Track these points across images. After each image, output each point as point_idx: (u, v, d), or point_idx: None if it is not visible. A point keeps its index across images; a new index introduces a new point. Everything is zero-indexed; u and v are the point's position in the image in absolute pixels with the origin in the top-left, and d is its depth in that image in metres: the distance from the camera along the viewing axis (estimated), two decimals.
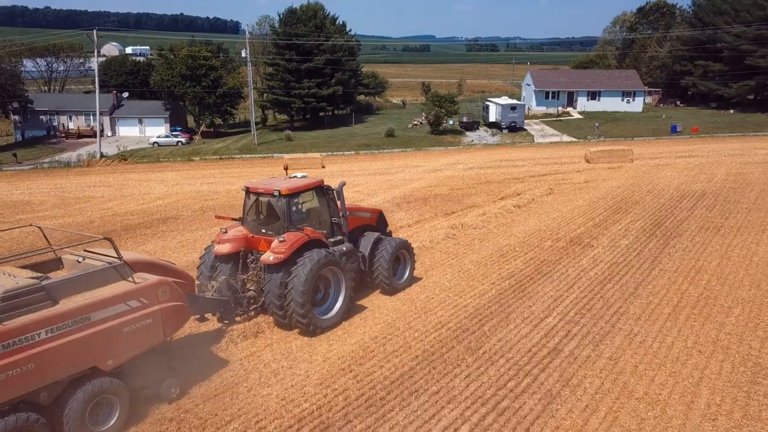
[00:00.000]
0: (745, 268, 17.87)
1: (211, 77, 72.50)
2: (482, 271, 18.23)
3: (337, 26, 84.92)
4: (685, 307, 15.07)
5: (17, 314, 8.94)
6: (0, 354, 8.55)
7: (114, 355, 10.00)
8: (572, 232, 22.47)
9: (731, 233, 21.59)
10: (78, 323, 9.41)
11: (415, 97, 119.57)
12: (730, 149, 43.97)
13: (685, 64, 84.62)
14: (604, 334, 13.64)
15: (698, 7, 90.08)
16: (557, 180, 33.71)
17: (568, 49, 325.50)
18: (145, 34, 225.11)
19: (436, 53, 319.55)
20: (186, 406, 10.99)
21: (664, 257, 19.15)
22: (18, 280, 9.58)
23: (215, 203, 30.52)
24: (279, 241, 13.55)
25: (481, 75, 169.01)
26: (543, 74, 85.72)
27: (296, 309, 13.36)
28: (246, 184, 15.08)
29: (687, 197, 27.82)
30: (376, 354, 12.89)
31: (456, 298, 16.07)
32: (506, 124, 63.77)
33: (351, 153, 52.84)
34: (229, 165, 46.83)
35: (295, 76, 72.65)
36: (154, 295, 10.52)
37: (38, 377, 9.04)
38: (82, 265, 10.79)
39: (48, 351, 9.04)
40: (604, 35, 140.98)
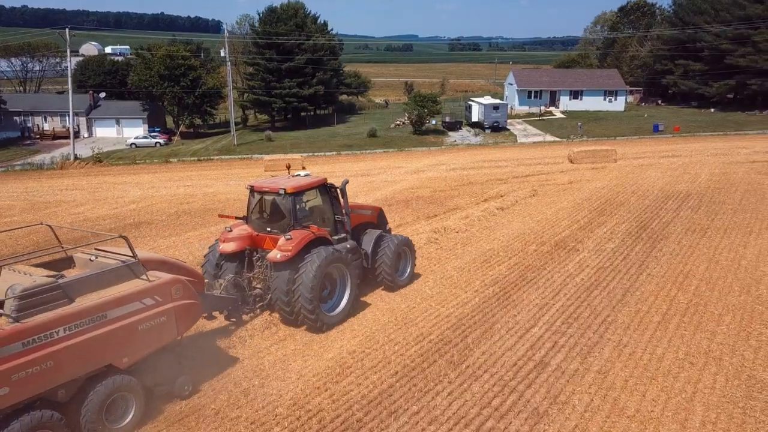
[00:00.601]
0: (733, 272, 17.43)
1: (190, 77, 71.28)
2: (465, 278, 17.61)
3: (318, 25, 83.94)
4: (675, 314, 14.56)
5: (35, 312, 9.00)
6: (20, 352, 8.60)
7: (129, 352, 10.13)
8: (557, 235, 21.94)
9: (718, 235, 21.19)
10: (95, 321, 9.52)
11: (398, 97, 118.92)
12: (713, 148, 43.87)
13: (666, 63, 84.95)
14: (592, 345, 13.06)
15: (678, 7, 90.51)
16: (541, 181, 33.23)
17: (549, 48, 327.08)
18: (125, 33, 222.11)
19: (419, 53, 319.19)
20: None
21: (651, 261, 18.67)
22: (35, 278, 9.60)
23: (191, 207, 29.61)
24: (286, 239, 13.65)
25: (463, 74, 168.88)
26: (525, 74, 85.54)
27: (305, 305, 13.48)
28: (251, 183, 15.18)
29: (672, 198, 27.46)
30: (353, 370, 12.19)
31: (438, 307, 15.42)
32: (489, 123, 63.36)
33: (332, 153, 52.05)
34: (208, 167, 45.79)
35: (276, 75, 71.65)
36: (168, 293, 10.65)
37: (57, 375, 9.11)
38: (95, 264, 10.80)
39: (66, 348, 9.13)
40: (585, 35, 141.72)
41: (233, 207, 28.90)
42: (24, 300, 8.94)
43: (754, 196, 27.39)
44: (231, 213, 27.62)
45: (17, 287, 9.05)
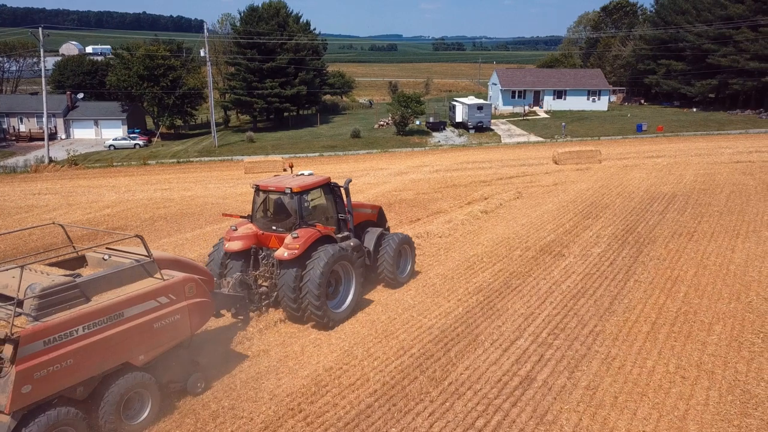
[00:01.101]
0: (722, 278, 17.02)
1: (170, 77, 70.15)
2: (448, 286, 17.02)
3: (300, 25, 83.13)
4: (664, 324, 14.07)
5: (53, 311, 9.06)
6: (42, 350, 8.67)
7: (145, 350, 10.26)
8: (542, 240, 21.44)
9: (705, 239, 20.82)
10: (112, 319, 9.63)
11: (382, 97, 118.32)
12: (696, 149, 43.77)
13: (649, 63, 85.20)
14: (579, 358, 12.52)
15: (660, 7, 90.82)
16: (525, 183, 32.79)
17: (533, 48, 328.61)
18: (106, 33, 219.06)
19: (404, 52, 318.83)
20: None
21: (638, 267, 18.21)
22: (53, 277, 9.62)
23: (167, 212, 28.75)
24: (293, 237, 13.86)
25: (448, 74, 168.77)
26: (509, 73, 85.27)
27: (312, 302, 13.71)
28: (256, 182, 15.35)
29: (657, 200, 27.11)
30: (329, 389, 11.53)
31: (420, 318, 14.81)
32: (473, 124, 62.95)
33: (315, 155, 51.31)
34: (187, 169, 44.83)
35: (258, 75, 70.71)
36: (181, 291, 10.80)
37: (77, 373, 9.20)
38: (109, 263, 10.85)
39: (85, 347, 9.23)
40: (568, 34, 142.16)
41: (211, 211, 28.16)
42: (43, 299, 8.99)
43: (739, 197, 27.11)
44: (207, 218, 26.95)
45: (36, 286, 9.05)
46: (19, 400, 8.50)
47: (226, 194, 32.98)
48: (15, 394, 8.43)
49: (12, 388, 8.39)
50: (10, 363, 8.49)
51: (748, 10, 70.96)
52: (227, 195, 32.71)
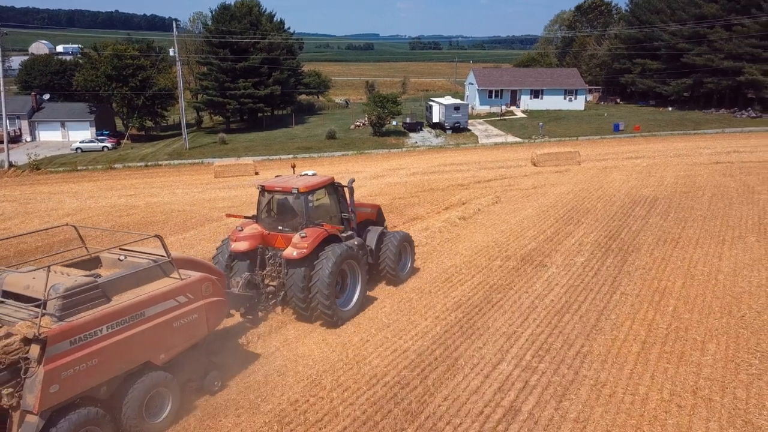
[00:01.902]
0: (711, 289, 16.23)
1: (139, 77, 68.13)
2: (425, 301, 15.98)
3: (274, 24, 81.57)
4: (655, 343, 13.19)
5: (76, 311, 9.09)
6: (68, 350, 8.72)
7: (165, 349, 10.35)
8: (523, 248, 20.52)
9: (691, 246, 20.08)
10: (134, 319, 9.71)
11: (359, 96, 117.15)
12: (675, 149, 43.40)
13: (624, 62, 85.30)
14: (567, 385, 11.56)
15: (635, 6, 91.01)
16: (504, 186, 31.93)
17: (508, 47, 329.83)
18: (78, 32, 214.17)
19: (381, 51, 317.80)
20: None
21: (624, 277, 17.37)
22: (75, 278, 9.66)
23: (130, 220, 27.30)
24: (300, 237, 14.07)
25: (424, 73, 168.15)
26: (486, 73, 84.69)
27: (322, 301, 13.90)
28: (261, 183, 15.39)
29: (639, 204, 26.41)
30: (294, 427, 10.40)
31: (395, 339, 13.74)
32: (450, 124, 62.12)
33: (289, 157, 49.89)
34: (154, 173, 43.18)
35: (230, 75, 69.07)
36: (199, 290, 10.93)
37: (101, 372, 9.26)
38: (125, 263, 10.91)
39: (109, 346, 9.30)
40: (544, 33, 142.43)
41: (176, 220, 26.80)
42: (67, 299, 9.02)
43: (721, 200, 26.54)
44: (172, 227, 25.59)
45: (60, 287, 9.04)
46: (47, 400, 8.53)
47: (194, 200, 31.58)
48: (43, 394, 8.46)
49: (40, 388, 8.42)
50: (37, 363, 8.51)
51: (722, 10, 71.22)
52: (195, 201, 31.31)
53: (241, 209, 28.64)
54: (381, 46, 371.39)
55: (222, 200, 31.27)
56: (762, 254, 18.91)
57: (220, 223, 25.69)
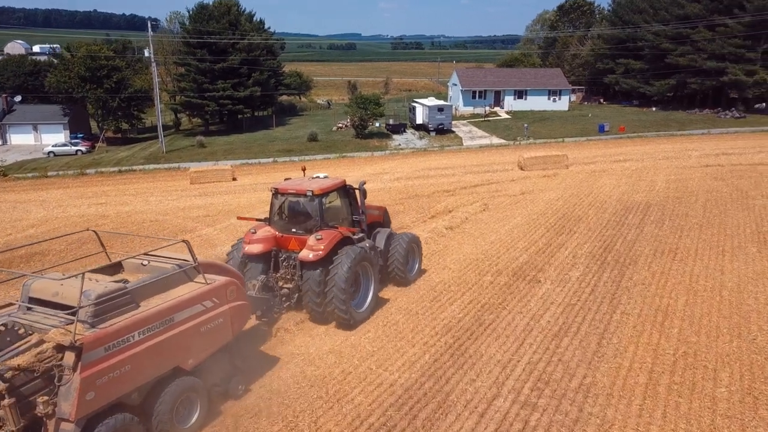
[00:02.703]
0: (717, 307, 15.23)
1: (114, 79, 66.26)
2: (413, 324, 14.78)
3: (254, 24, 79.83)
4: (663, 372, 12.12)
5: (108, 318, 9.02)
6: (103, 357, 8.64)
7: (194, 354, 10.28)
8: (514, 261, 19.42)
9: (690, 258, 19.12)
10: (164, 324, 9.65)
11: (341, 96, 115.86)
12: (663, 151, 42.67)
13: (607, 62, 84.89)
14: (571, 425, 10.43)
15: (618, 6, 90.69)
16: (491, 192, 30.84)
17: (490, 47, 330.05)
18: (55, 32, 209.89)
19: (363, 51, 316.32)
20: None
21: (623, 294, 16.32)
22: (105, 284, 9.55)
23: (100, 231, 25.71)
24: (316, 239, 14.16)
25: (407, 73, 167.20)
26: (469, 73, 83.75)
27: (338, 304, 13.99)
28: (274, 186, 15.45)
29: (632, 211, 25.47)
30: None
31: (380, 371, 12.52)
32: (434, 126, 61.02)
33: (269, 161, 48.48)
34: (128, 179, 41.47)
35: (209, 76, 67.26)
36: (224, 295, 10.92)
37: (134, 378, 9.20)
38: (149, 268, 10.83)
39: (142, 352, 9.23)
40: (526, 33, 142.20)
41: (148, 230, 25.33)
42: (99, 306, 8.96)
43: (716, 206, 25.69)
44: (142, 240, 24.10)
45: (91, 293, 8.97)
46: (83, 407, 8.45)
47: (168, 209, 30.07)
48: (80, 402, 8.37)
49: (77, 396, 8.32)
50: (72, 370, 8.38)
51: (705, 10, 70.94)
52: (168, 210, 29.81)
53: (216, 219, 27.28)
54: (363, 46, 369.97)
55: (197, 209, 29.82)
56: (766, 267, 18.00)
57: (193, 234, 24.28)
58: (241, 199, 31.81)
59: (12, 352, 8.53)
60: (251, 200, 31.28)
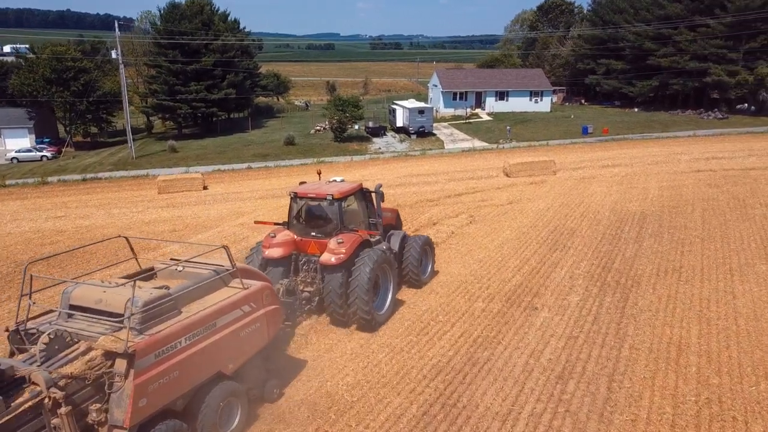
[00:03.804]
0: (735, 339, 13.70)
1: (81, 81, 63.47)
2: (397, 365, 13.03)
3: (228, 23, 77.50)
4: (687, 426, 10.51)
5: (153, 324, 8.96)
6: (153, 363, 8.60)
7: (234, 359, 10.27)
8: (506, 283, 17.76)
9: (696, 278, 17.62)
10: (208, 329, 9.64)
11: (320, 97, 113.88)
12: (651, 155, 41.44)
13: (588, 62, 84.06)
14: None
15: (598, 5, 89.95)
16: (477, 201, 29.22)
17: (469, 46, 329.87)
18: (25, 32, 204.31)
19: (341, 51, 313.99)
20: None
21: (629, 324, 14.73)
22: (150, 291, 9.46)
23: (54, 249, 23.59)
24: (337, 243, 14.24)
25: (386, 73, 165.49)
26: (450, 74, 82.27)
27: (361, 306, 14.08)
28: (293, 190, 15.47)
29: (627, 222, 24.00)
30: None
31: (360, 428, 10.74)
32: (414, 129, 59.35)
33: (243, 167, 46.31)
34: (92, 189, 39.03)
35: (181, 78, 64.90)
36: (260, 299, 10.92)
37: (181, 384, 9.14)
38: (184, 274, 10.79)
39: (188, 358, 9.18)
40: (506, 33, 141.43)
41: (107, 249, 23.22)
42: (146, 312, 8.92)
43: (714, 217, 24.34)
44: (100, 259, 22.07)
45: (138, 300, 8.94)
46: (136, 414, 8.41)
47: (132, 223, 27.94)
48: (134, 408, 8.34)
49: (130, 402, 8.30)
50: (123, 378, 8.37)
51: (686, 10, 70.32)
52: (132, 224, 27.68)
53: (183, 234, 25.28)
54: (342, 46, 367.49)
55: (163, 222, 27.75)
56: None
57: (156, 253, 22.26)
58: (212, 211, 29.78)
59: (62, 360, 8.39)
60: (221, 212, 29.26)
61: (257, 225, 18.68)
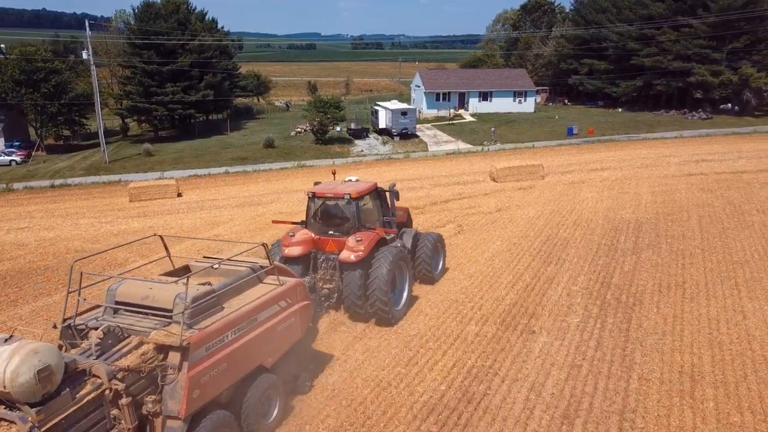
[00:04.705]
0: (752, 367, 12.58)
1: (52, 82, 61.20)
2: (384, 405, 11.70)
3: (206, 23, 75.64)
4: None
5: (200, 319, 9.28)
6: (205, 356, 8.93)
7: (273, 352, 10.67)
8: (500, 302, 16.53)
9: (701, 295, 16.53)
10: (250, 324, 9.94)
11: (301, 97, 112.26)
12: (640, 158, 40.55)
13: (571, 62, 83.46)
14: None
15: (580, 5, 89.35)
16: (464, 209, 27.99)
17: (450, 46, 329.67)
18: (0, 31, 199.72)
19: (323, 51, 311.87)
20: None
21: (636, 349, 13.55)
22: (196, 287, 9.70)
23: (13, 266, 21.95)
24: (356, 241, 14.64)
25: (367, 73, 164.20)
26: (433, 75, 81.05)
27: (380, 301, 14.47)
28: (311, 190, 15.79)
29: (622, 231, 22.92)
30: None
31: None
32: (397, 131, 58.03)
33: (221, 171, 44.59)
34: (60, 196, 37.08)
35: (157, 79, 62.89)
36: (295, 295, 11.29)
37: (228, 376, 9.47)
38: (221, 271, 11.05)
39: (233, 351, 9.50)
40: (488, 33, 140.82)
41: (69, 265, 21.52)
42: (194, 307, 9.20)
43: (712, 225, 23.36)
44: (62, 277, 20.48)
45: (186, 296, 9.15)
46: (191, 404, 8.68)
47: (99, 235, 26.27)
48: (189, 399, 8.62)
49: (185, 393, 8.58)
50: (176, 370, 8.65)
51: (669, 10, 69.85)
52: (100, 236, 26.02)
53: (152, 247, 23.65)
54: (323, 46, 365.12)
55: (133, 233, 26.13)
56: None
57: (122, 271, 20.68)
58: (185, 221, 28.21)
59: (117, 354, 8.71)
60: (196, 222, 27.70)
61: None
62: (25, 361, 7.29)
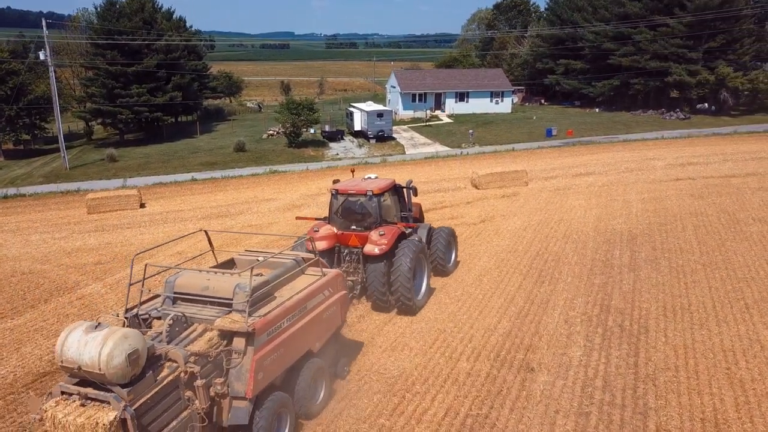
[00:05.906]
0: None
1: (9, 84, 58.14)
2: None
3: (173, 22, 73.14)
4: None
5: (258, 307, 9.99)
6: (266, 341, 9.61)
7: (319, 338, 11.41)
8: (492, 332, 14.91)
9: (711, 319, 15.12)
10: (301, 311, 10.69)
11: (274, 97, 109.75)
12: (624, 161, 39.40)
13: (547, 61, 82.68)
14: None
15: (555, 3, 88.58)
16: (446, 219, 26.37)
17: (424, 45, 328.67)
18: None
19: (296, 50, 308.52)
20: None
21: (648, 389, 12.03)
22: (254, 278, 10.12)
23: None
24: (379, 235, 15.55)
25: (342, 73, 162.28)
26: (408, 75, 79.47)
27: (403, 293, 15.37)
28: (334, 187, 16.62)
29: (616, 244, 21.52)
30: None
31: None
32: (373, 133, 56.35)
33: (187, 178, 42.26)
34: (13, 208, 34.45)
35: (122, 81, 60.23)
36: (335, 285, 12.05)
37: (285, 360, 10.21)
38: (267, 264, 11.64)
39: (289, 337, 10.22)
40: (463, 33, 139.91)
41: (15, 290, 19.48)
42: (253, 296, 9.84)
43: (708, 236, 22.10)
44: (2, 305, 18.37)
45: (245, 287, 9.77)
46: (257, 385, 9.35)
47: (50, 253, 24.02)
48: (255, 380, 9.29)
49: (251, 375, 9.24)
50: (242, 354, 9.32)
51: (645, 9, 69.29)
52: (50, 255, 23.78)
53: (108, 268, 21.66)
54: (297, 46, 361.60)
55: (89, 251, 23.98)
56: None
57: (72, 296, 18.65)
58: (146, 236, 26.08)
59: (185, 341, 9.27)
60: (157, 237, 25.58)
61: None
62: (118, 345, 7.83)
